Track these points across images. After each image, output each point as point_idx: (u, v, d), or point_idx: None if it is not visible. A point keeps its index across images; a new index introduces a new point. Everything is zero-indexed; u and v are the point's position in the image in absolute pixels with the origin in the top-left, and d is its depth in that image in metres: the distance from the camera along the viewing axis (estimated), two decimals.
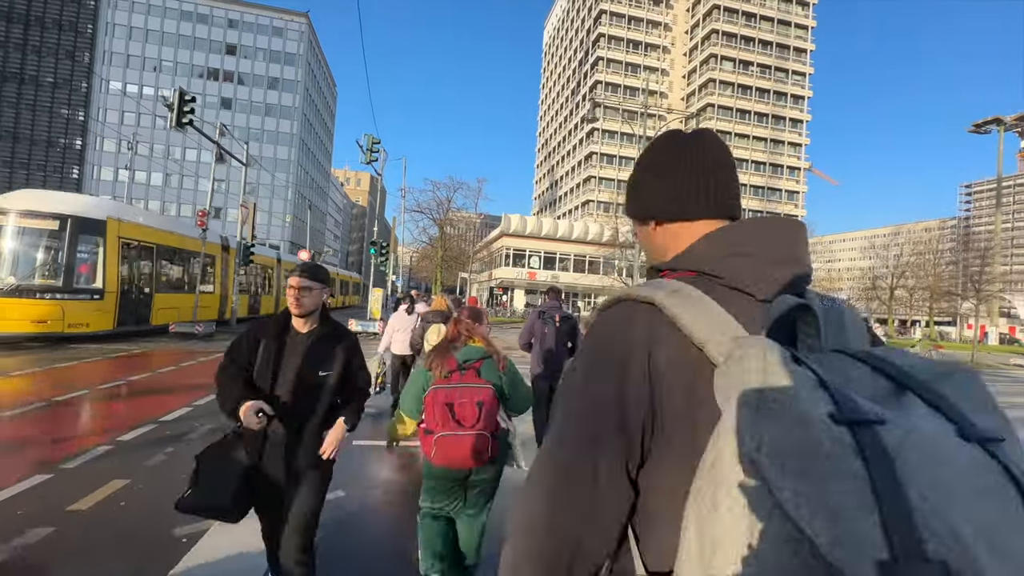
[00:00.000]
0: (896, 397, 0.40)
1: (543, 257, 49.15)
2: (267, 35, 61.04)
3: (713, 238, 0.60)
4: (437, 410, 2.03)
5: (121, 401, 5.97)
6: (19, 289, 9.19)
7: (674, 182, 0.66)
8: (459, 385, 2.08)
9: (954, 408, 0.38)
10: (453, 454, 2.00)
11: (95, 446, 4.22)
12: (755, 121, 61.73)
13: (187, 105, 10.30)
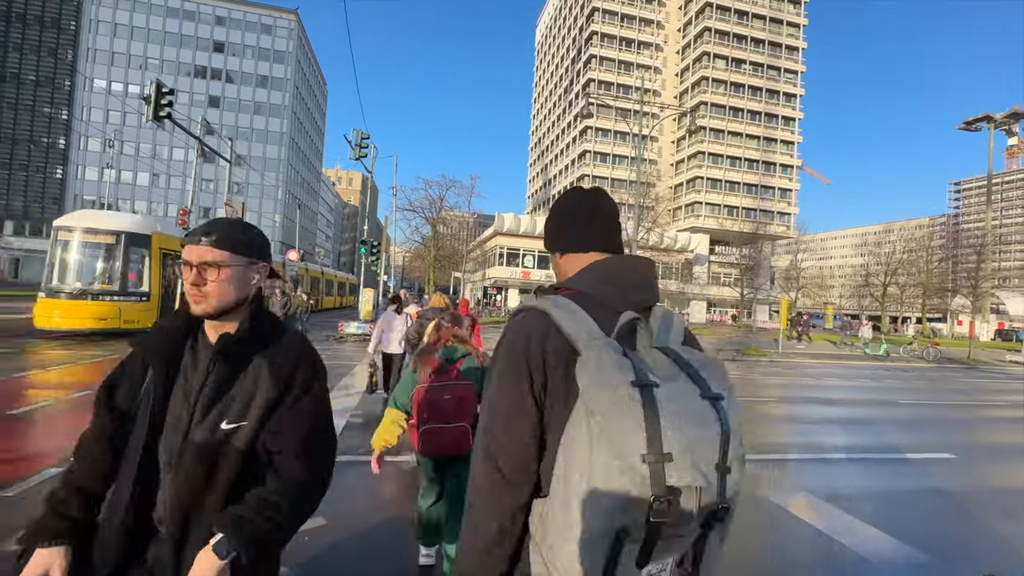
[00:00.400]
0: (676, 374, 0.71)
1: (537, 256, 48.80)
2: (256, 32, 60.11)
3: (593, 268, 0.88)
4: (423, 406, 2.26)
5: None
6: (84, 292, 11.18)
7: (573, 225, 0.95)
8: (441, 384, 2.29)
9: (703, 381, 0.70)
10: (437, 444, 2.26)
11: (40, 470, 3.75)
12: (748, 119, 61.76)
13: (164, 98, 9.80)
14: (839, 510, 3.71)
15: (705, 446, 0.64)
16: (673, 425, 0.63)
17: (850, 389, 11.20)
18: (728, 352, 18.22)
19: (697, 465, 0.63)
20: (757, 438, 6.09)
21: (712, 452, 0.64)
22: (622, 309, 0.79)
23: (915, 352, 21.02)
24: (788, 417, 7.59)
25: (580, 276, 0.87)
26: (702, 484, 0.62)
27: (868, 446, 5.89)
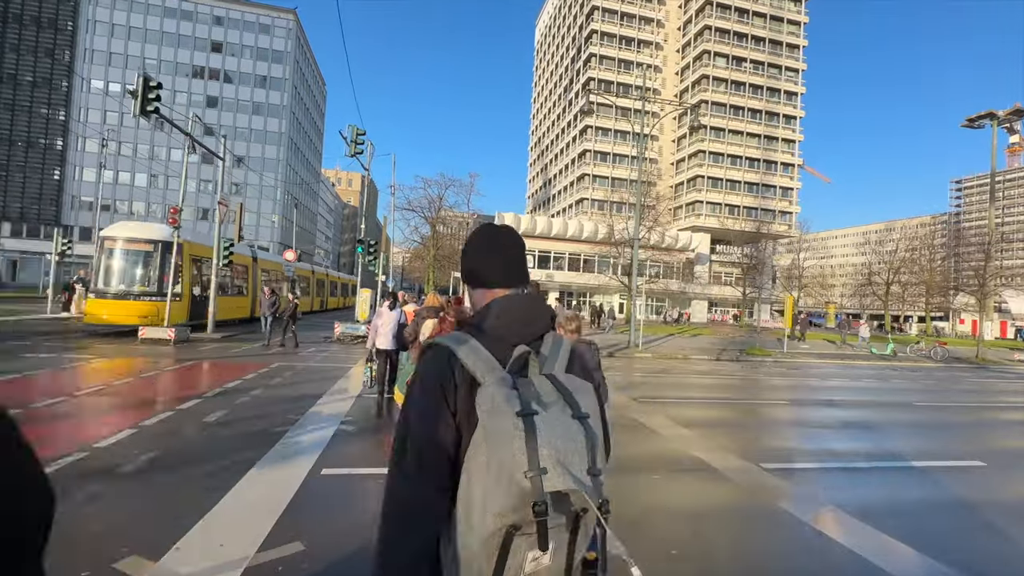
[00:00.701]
0: (556, 399, 0.84)
1: (537, 256, 48.50)
2: (254, 32, 59.82)
3: (494, 304, 0.99)
4: None
5: (53, 423, 5.20)
6: (127, 293, 12.83)
7: (481, 261, 1.05)
8: None
9: (575, 402, 0.84)
10: None
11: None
12: (748, 117, 61.46)
13: (152, 92, 9.51)
14: (869, 526, 3.40)
15: (574, 457, 0.80)
16: (548, 444, 0.78)
17: (860, 390, 10.89)
18: (731, 352, 17.91)
19: (569, 473, 0.78)
20: (770, 444, 5.78)
21: (581, 461, 0.80)
22: (516, 342, 0.93)
23: (922, 351, 20.70)
24: (800, 421, 7.28)
25: (482, 312, 1.00)
26: (574, 487, 0.77)
27: (891, 453, 5.58)
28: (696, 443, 5.48)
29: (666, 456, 5.02)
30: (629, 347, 17.27)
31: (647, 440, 5.59)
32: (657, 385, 9.80)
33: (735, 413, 7.66)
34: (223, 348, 11.37)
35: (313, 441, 4.66)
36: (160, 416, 5.24)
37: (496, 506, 0.79)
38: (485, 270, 1.05)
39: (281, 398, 6.53)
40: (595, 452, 0.83)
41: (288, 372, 8.54)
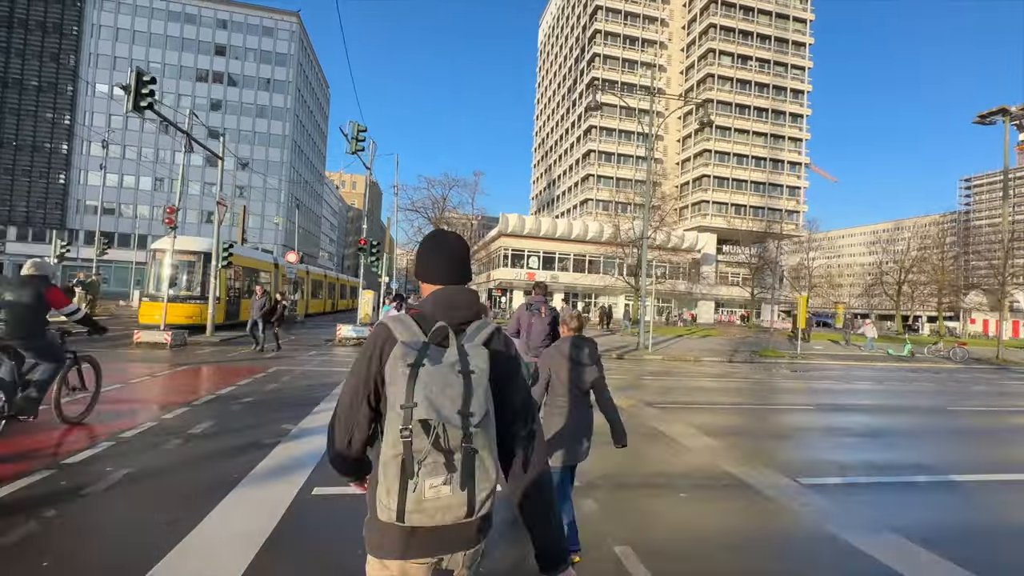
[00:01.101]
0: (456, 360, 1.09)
1: (542, 257, 48.04)
2: (257, 35, 59.84)
3: (432, 295, 1.29)
4: None
5: (22, 435, 4.81)
6: (176, 297, 14.92)
7: (427, 263, 1.34)
8: None
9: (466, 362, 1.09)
10: None
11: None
12: (755, 116, 60.83)
13: (145, 87, 9.18)
14: (946, 560, 2.93)
15: (446, 400, 1.04)
16: (424, 387, 1.04)
17: (885, 394, 10.37)
18: (743, 353, 17.40)
19: (436, 409, 1.02)
20: (804, 456, 5.31)
21: (454, 404, 1.04)
22: (440, 321, 1.20)
23: (940, 352, 20.08)
24: (830, 429, 6.79)
25: (424, 301, 1.30)
26: (436, 419, 1.02)
27: (937, 465, 5.10)
28: (724, 454, 5.03)
29: (693, 470, 4.56)
30: (638, 349, 16.79)
31: (670, 452, 5.14)
32: (671, 389, 9.33)
33: (759, 420, 7.19)
34: (220, 352, 11.01)
35: (306, 455, 4.24)
36: (141, 427, 4.84)
37: (390, 433, 1.07)
38: (429, 270, 1.35)
39: (275, 406, 6.12)
40: (471, 399, 1.06)
41: (285, 377, 8.14)
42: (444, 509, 1.07)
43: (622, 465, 4.48)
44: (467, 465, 1.07)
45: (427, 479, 1.05)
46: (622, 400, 7.56)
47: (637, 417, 6.53)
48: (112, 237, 55.47)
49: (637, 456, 4.84)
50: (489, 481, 1.10)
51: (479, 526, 1.18)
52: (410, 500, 1.06)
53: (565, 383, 2.92)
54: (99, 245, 21.00)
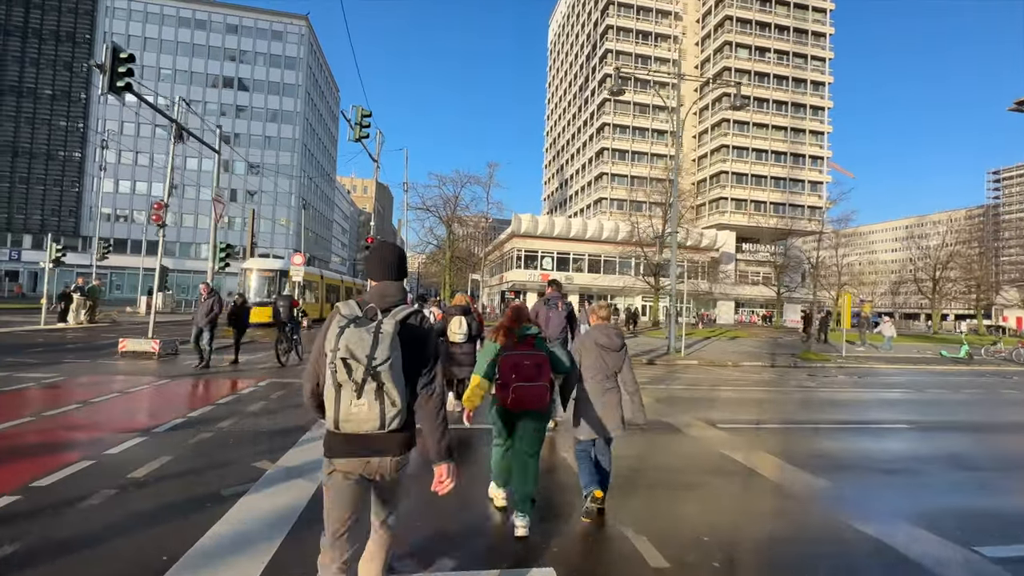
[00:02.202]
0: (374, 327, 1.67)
1: (556, 258, 46.74)
2: (267, 39, 59.63)
3: (373, 288, 1.85)
4: (509, 369, 2.90)
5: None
6: (263, 302, 18.39)
7: (370, 265, 1.89)
8: (523, 352, 2.96)
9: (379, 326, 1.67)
10: (524, 399, 2.89)
11: None
12: (774, 110, 58.89)
13: (122, 65, 8.18)
14: None
15: (357, 346, 1.59)
16: (346, 340, 1.59)
17: (977, 406, 8.88)
18: (785, 357, 15.91)
19: (350, 352, 1.58)
20: (951, 504, 3.93)
21: (363, 350, 1.59)
22: (374, 305, 1.74)
23: (1000, 354, 18.33)
24: (953, 458, 5.36)
25: (368, 292, 1.85)
26: (348, 357, 1.58)
27: None
28: (847, 505, 3.71)
29: (823, 535, 3.26)
30: (669, 352, 15.41)
31: (777, 502, 3.84)
32: (727, 403, 7.99)
33: (851, 443, 5.80)
34: (216, 360, 9.94)
35: (278, 515, 3.04)
36: (69, 469, 3.68)
37: (327, 375, 1.66)
38: (371, 270, 1.88)
39: (254, 433, 4.95)
40: (376, 348, 1.60)
41: (277, 393, 6.98)
42: (362, 421, 1.63)
43: (736, 528, 3.21)
44: (376, 391, 1.62)
45: (349, 401, 1.62)
46: (680, 420, 6.25)
47: (708, 445, 5.24)
48: (125, 244, 55.63)
49: (743, 513, 3.56)
50: (395, 406, 1.65)
51: (393, 439, 1.70)
52: (340, 413, 1.63)
53: (594, 367, 3.27)
54: (99, 250, 20.25)
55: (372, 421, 1.63)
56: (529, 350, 2.97)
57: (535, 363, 2.91)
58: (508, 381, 2.89)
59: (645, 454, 4.88)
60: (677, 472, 4.36)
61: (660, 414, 6.58)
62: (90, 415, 5.42)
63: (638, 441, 5.28)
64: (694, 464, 4.64)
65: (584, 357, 3.29)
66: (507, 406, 2.93)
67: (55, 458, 3.88)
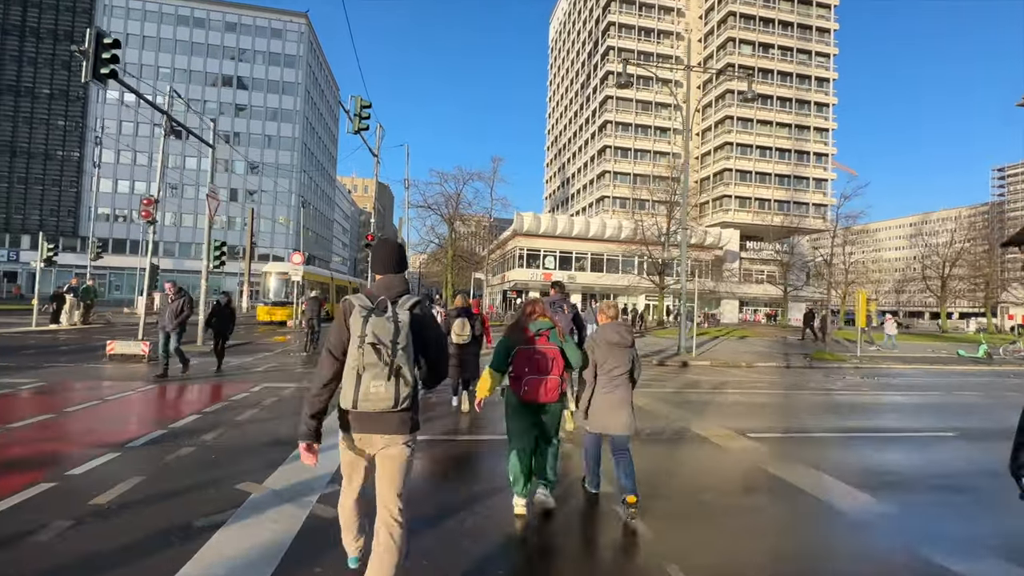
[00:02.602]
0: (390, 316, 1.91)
1: (558, 257, 46.21)
2: (266, 37, 59.15)
3: (378, 281, 2.12)
4: (523, 363, 3.04)
5: None
6: (280, 303, 22.70)
7: (374, 260, 2.17)
8: (536, 346, 3.07)
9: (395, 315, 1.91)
10: (536, 391, 3.00)
11: None
12: (778, 106, 58.30)
13: (107, 52, 7.71)
14: None
15: (383, 334, 1.82)
16: (371, 327, 1.82)
17: (1015, 409, 8.38)
18: (798, 357, 15.40)
19: (377, 337, 1.81)
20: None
21: (386, 336, 1.82)
22: (382, 296, 1.95)
23: (1020, 353, 17.80)
24: None
25: (375, 285, 2.09)
26: (376, 342, 1.81)
27: None
28: (934, 538, 3.22)
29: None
30: (679, 353, 14.91)
31: (839, 536, 3.34)
32: (750, 409, 7.49)
33: (905, 454, 5.29)
34: (206, 365, 9.48)
35: (262, 548, 2.57)
36: (24, 494, 3.19)
37: (352, 355, 1.86)
38: (376, 265, 2.16)
39: (241, 447, 4.47)
40: (398, 335, 1.85)
41: (269, 400, 6.49)
42: (379, 400, 1.84)
43: (797, 564, 2.72)
44: (395, 373, 1.84)
45: (371, 381, 1.83)
46: (707, 429, 5.76)
47: (742, 458, 4.74)
48: (124, 244, 55.21)
49: (801, 545, 3.07)
50: (408, 386, 1.87)
51: (403, 417, 1.94)
52: (360, 393, 1.83)
53: (605, 363, 3.33)
54: (93, 249, 19.84)
55: (388, 400, 1.85)
56: (543, 344, 3.09)
57: (548, 356, 3.04)
58: (522, 374, 3.02)
59: (675, 468, 4.40)
60: (715, 491, 3.87)
61: (685, 422, 6.09)
62: (61, 428, 4.94)
63: (667, 453, 4.79)
64: (731, 481, 4.16)
65: (595, 354, 3.38)
66: (521, 398, 3.04)
67: (9, 480, 3.40)
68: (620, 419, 3.26)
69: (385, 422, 1.91)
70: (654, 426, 5.80)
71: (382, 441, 1.95)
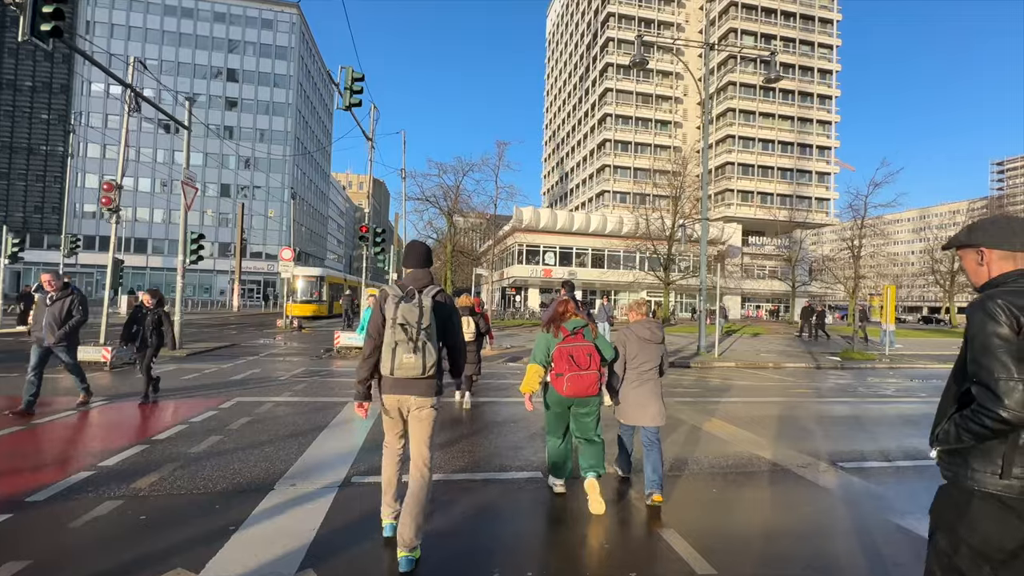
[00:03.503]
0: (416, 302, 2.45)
1: (559, 253, 45.11)
2: (256, 28, 57.46)
3: (408, 273, 2.72)
4: (564, 359, 3.19)
5: None
6: (306, 300, 26.47)
7: (406, 257, 2.74)
8: (575, 343, 3.24)
9: (421, 301, 2.47)
10: (578, 386, 3.17)
11: None
12: (780, 99, 57.28)
13: (48, 4, 6.50)
14: None
15: (409, 316, 2.37)
16: (401, 311, 2.38)
17: None
18: (823, 357, 14.36)
19: (405, 319, 2.37)
20: None
21: (413, 318, 2.38)
22: (410, 286, 2.52)
23: None
24: None
25: (405, 277, 2.66)
26: (406, 323, 2.37)
27: None
28: None
29: None
30: (700, 353, 13.83)
31: None
32: (814, 424, 6.36)
33: None
34: (178, 372, 8.29)
35: None
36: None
37: (387, 334, 2.42)
38: (407, 261, 2.69)
39: (186, 500, 3.29)
40: (422, 317, 2.38)
41: (237, 423, 5.29)
42: (410, 368, 2.38)
43: None
44: (421, 347, 2.38)
45: (403, 353, 2.37)
46: (784, 457, 4.62)
47: (854, 501, 3.62)
48: (109, 241, 53.58)
49: None
50: (432, 357, 2.41)
51: (429, 383, 2.51)
52: (396, 362, 2.38)
53: (636, 358, 3.56)
54: (66, 245, 18.46)
55: (417, 368, 2.39)
56: (580, 341, 3.25)
57: (586, 352, 3.20)
58: (563, 370, 3.17)
59: (773, 524, 3.27)
60: (842, 562, 2.74)
61: (747, 444, 4.98)
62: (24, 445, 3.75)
63: (750, 496, 3.66)
64: (856, 542, 3.03)
65: (627, 349, 3.56)
66: (563, 393, 3.19)
67: None
68: (650, 412, 3.47)
69: (416, 386, 2.49)
70: (715, 452, 4.69)
71: (416, 403, 2.52)
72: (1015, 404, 1.25)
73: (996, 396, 1.27)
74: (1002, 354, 1.30)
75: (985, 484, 1.36)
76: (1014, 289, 1.38)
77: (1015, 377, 1.26)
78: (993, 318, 1.33)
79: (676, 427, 5.56)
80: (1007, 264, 1.45)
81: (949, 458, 1.49)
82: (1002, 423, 1.27)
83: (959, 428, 1.40)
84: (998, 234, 1.47)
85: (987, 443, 1.36)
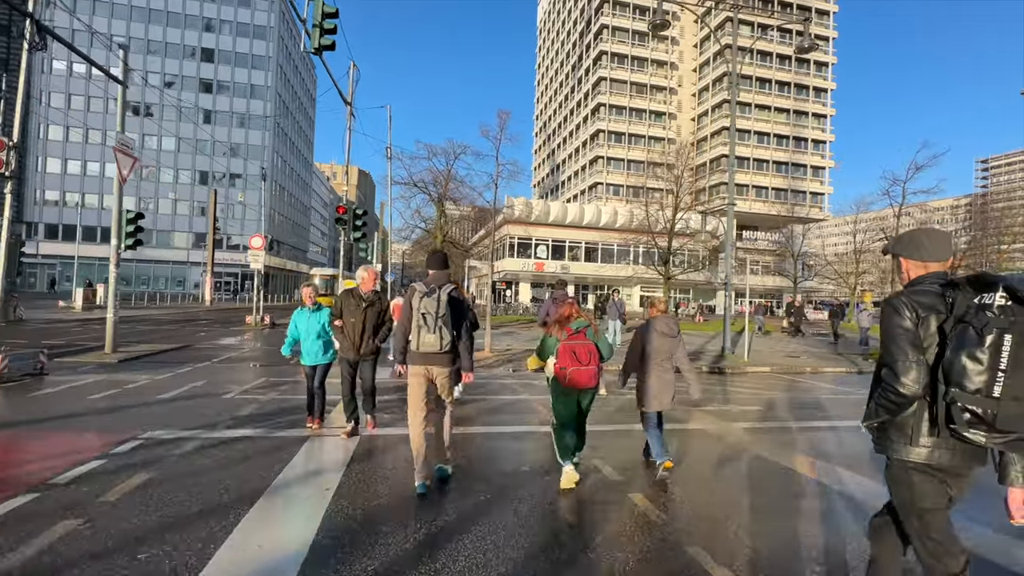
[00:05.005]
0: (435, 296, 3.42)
1: (551, 246, 43.48)
2: (232, 6, 54.21)
3: (431, 275, 3.60)
4: (568, 355, 3.60)
5: None
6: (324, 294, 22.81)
7: (430, 261, 3.72)
8: (577, 341, 3.65)
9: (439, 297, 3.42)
10: (579, 380, 3.60)
11: None
12: (776, 91, 56.35)
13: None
14: None
15: (431, 307, 3.33)
16: (423, 303, 3.34)
17: None
18: (855, 359, 12.96)
19: (427, 309, 3.33)
20: None
21: (434, 308, 3.33)
22: (432, 283, 3.47)
23: None
24: None
25: (429, 276, 3.57)
26: (426, 312, 3.33)
27: None
28: None
29: None
30: (724, 356, 12.29)
31: None
32: None
33: None
34: (93, 386, 6.38)
35: None
36: None
37: (414, 320, 3.40)
38: (430, 263, 3.65)
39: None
40: (439, 308, 3.34)
41: (133, 480, 3.39)
42: (431, 345, 3.32)
43: None
44: (439, 330, 3.30)
45: (425, 335, 3.32)
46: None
47: None
48: (73, 231, 50.25)
49: None
50: (447, 338, 3.34)
51: (447, 357, 3.45)
52: (420, 341, 3.34)
53: (654, 351, 4.03)
54: (10, 236, 16.04)
55: (435, 345, 3.32)
56: (581, 340, 3.66)
57: (587, 350, 3.63)
58: (567, 365, 3.60)
59: None
60: None
61: (861, 490, 3.33)
62: None
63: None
64: None
65: (647, 343, 4.06)
66: (566, 386, 3.65)
67: None
68: (667, 397, 4.02)
69: (437, 359, 3.43)
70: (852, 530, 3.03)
71: (437, 371, 3.48)
72: (911, 381, 1.52)
73: (896, 375, 1.55)
74: (903, 341, 1.57)
75: (900, 452, 1.65)
76: (920, 289, 1.65)
77: (910, 359, 1.54)
78: (897, 312, 1.62)
79: (764, 475, 3.92)
80: (920, 270, 1.74)
81: (877, 434, 1.75)
82: (901, 397, 1.55)
83: (877, 405, 1.67)
84: (911, 247, 1.76)
85: (901, 417, 1.63)
